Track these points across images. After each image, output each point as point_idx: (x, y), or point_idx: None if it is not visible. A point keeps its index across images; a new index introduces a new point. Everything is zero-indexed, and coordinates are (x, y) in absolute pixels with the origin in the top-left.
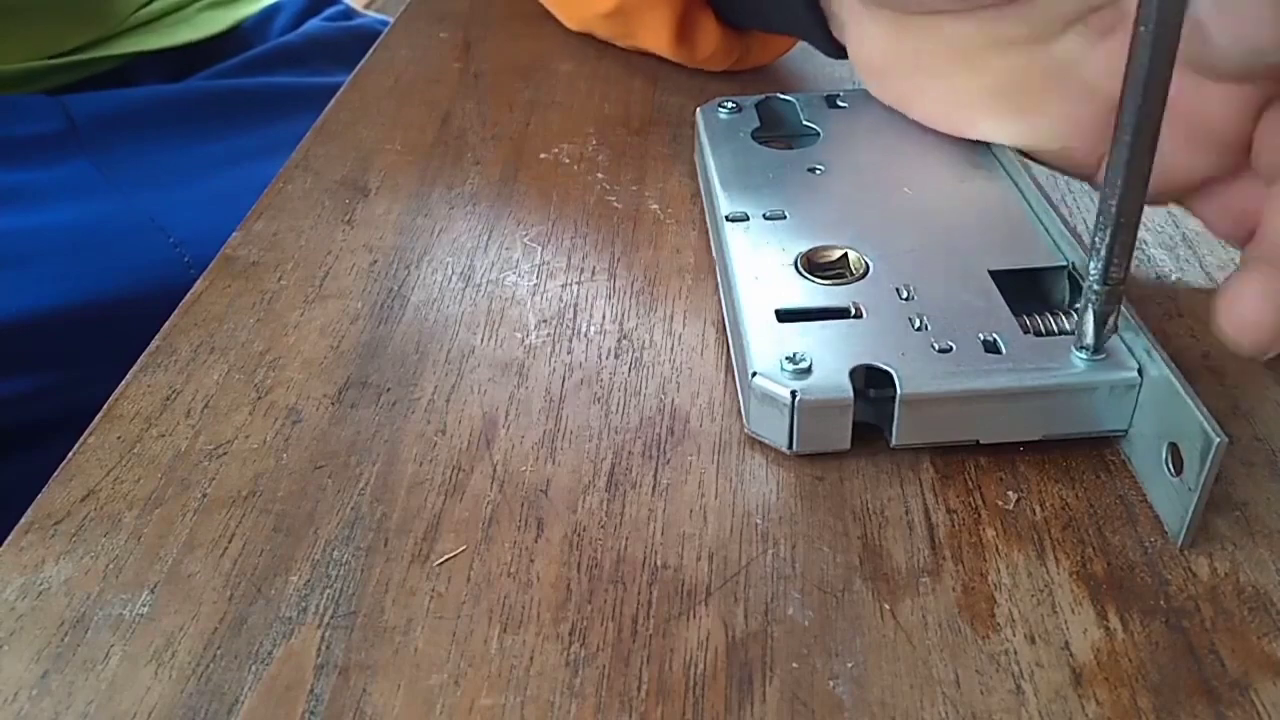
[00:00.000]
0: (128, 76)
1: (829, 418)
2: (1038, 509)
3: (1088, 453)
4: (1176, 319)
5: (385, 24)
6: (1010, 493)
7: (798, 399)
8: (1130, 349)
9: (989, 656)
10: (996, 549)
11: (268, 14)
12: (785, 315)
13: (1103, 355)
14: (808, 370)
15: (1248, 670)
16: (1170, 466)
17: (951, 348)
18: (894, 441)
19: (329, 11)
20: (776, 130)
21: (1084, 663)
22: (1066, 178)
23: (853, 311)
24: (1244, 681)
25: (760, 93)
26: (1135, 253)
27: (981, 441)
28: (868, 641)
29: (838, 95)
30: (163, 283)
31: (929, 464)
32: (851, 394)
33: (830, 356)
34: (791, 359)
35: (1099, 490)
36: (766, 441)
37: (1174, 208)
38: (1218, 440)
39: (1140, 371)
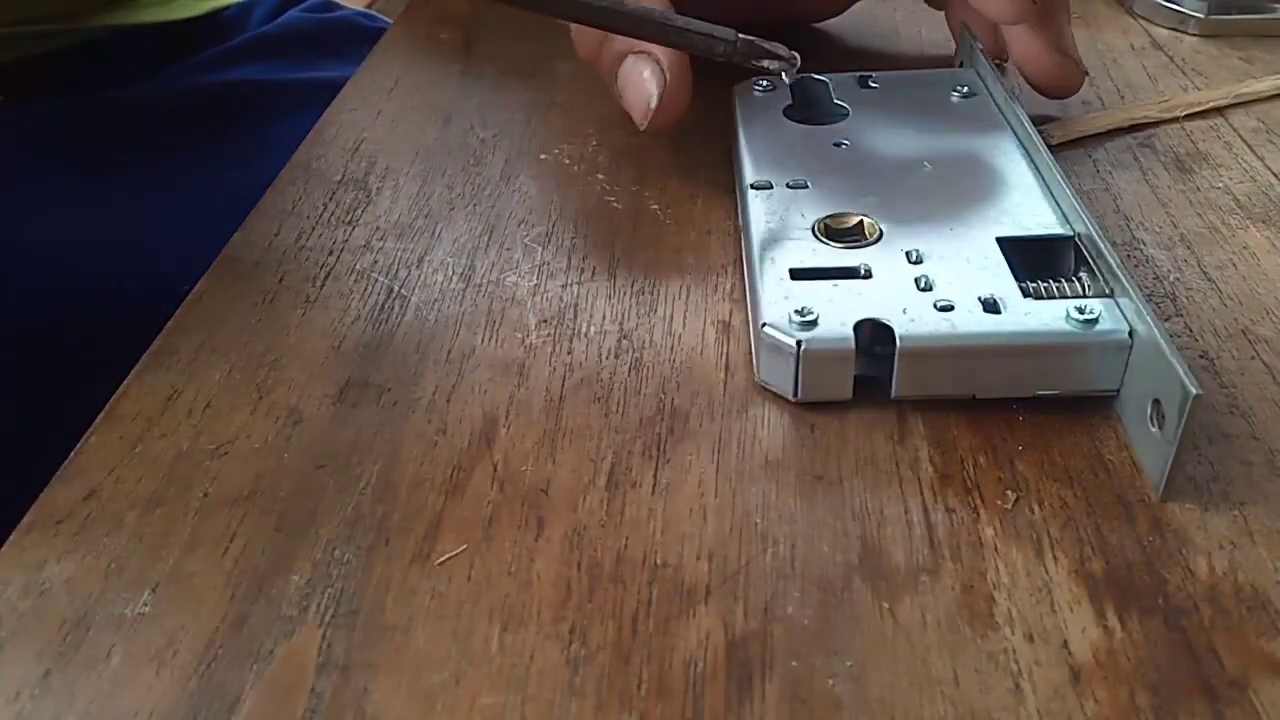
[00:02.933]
0: (101, 55)
1: (831, 367)
2: (1036, 508)
3: (1087, 452)
4: (1175, 319)
5: (368, 16)
6: (1009, 492)
7: (803, 348)
8: (1123, 311)
9: (988, 655)
10: (995, 548)
11: (247, 5)
12: (798, 274)
13: (1094, 315)
14: (814, 323)
15: (1246, 669)
16: (1154, 421)
17: (952, 306)
18: (894, 393)
19: (308, 3)
20: (808, 108)
21: (1083, 661)
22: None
23: (862, 272)
24: (1242, 680)
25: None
26: (1134, 252)
27: (978, 397)
28: (867, 640)
29: (869, 76)
30: (153, 296)
31: (928, 463)
32: (853, 344)
33: (836, 311)
34: (800, 312)
35: (1098, 489)
36: (774, 390)
37: (1172, 209)
38: (1194, 393)
39: (1131, 333)
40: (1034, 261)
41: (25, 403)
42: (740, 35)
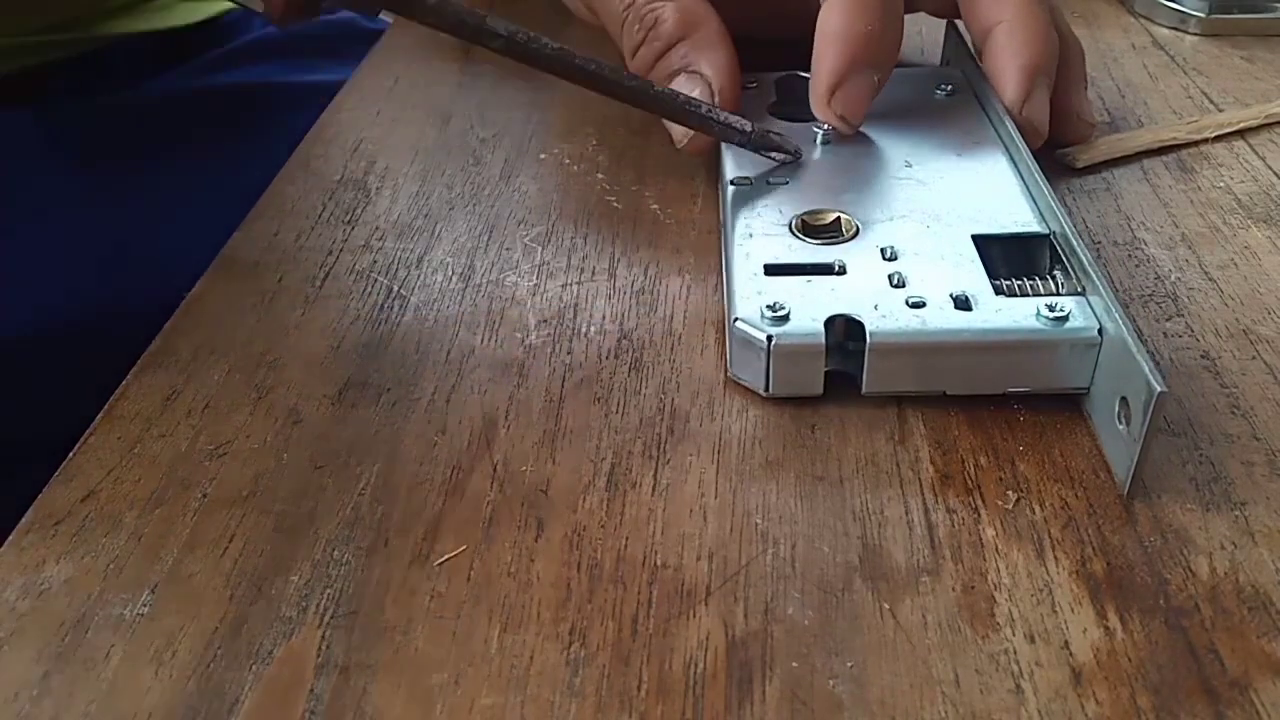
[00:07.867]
0: (105, 63)
1: (802, 362)
2: (1037, 508)
3: (1088, 452)
4: (1176, 319)
5: (369, 18)
6: (1010, 492)
7: (773, 343)
8: (1093, 309)
9: (989, 656)
10: (996, 548)
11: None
12: (773, 270)
13: (1064, 313)
14: (785, 318)
15: (1247, 670)
16: (1121, 419)
17: (924, 302)
18: (864, 389)
19: None
20: (793, 105)
21: (1083, 662)
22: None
23: (836, 268)
24: (1243, 681)
25: (780, 70)
26: (1135, 252)
27: (948, 393)
28: (867, 641)
29: None
30: (155, 297)
31: (929, 464)
32: (824, 340)
33: (809, 307)
34: (771, 307)
35: (1099, 490)
36: (746, 385)
37: (1173, 208)
38: (1159, 390)
39: (1100, 331)
40: (1010, 259)
41: (25, 403)
42: (754, 126)
